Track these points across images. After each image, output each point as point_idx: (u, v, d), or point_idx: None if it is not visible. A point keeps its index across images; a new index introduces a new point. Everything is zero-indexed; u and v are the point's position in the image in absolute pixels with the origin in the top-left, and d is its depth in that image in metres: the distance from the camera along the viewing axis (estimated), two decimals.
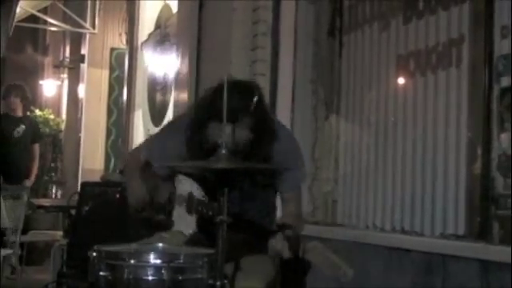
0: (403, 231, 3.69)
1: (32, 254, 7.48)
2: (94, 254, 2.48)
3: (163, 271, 2.38)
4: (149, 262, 2.41)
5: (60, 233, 7.00)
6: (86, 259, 2.52)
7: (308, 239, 3.78)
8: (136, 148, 3.31)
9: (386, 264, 3.54)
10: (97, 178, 8.23)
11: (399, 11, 3.93)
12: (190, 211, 2.86)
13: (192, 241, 2.87)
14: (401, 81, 3.94)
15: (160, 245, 2.67)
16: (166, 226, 2.96)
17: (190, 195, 2.85)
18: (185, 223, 2.91)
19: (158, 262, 2.40)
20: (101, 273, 2.44)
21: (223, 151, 2.31)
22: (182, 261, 2.42)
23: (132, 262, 2.41)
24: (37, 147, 8.08)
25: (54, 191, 11.44)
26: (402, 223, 3.73)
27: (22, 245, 6.34)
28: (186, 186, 2.90)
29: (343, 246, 3.70)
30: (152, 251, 2.50)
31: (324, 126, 4.64)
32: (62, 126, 11.44)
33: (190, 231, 2.89)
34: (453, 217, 3.38)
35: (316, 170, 4.64)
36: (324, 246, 2.59)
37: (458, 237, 3.32)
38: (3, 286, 5.68)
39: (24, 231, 6.51)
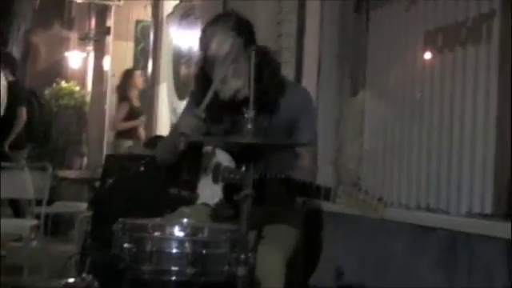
0: (428, 209, 3.65)
1: (57, 225, 7.54)
2: (119, 226, 2.49)
3: (186, 244, 2.38)
4: (173, 234, 2.41)
5: (85, 204, 7.05)
6: (110, 232, 2.53)
7: (332, 215, 3.80)
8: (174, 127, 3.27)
9: (410, 242, 3.51)
10: (121, 150, 8.26)
11: None
12: (216, 180, 2.84)
13: (217, 210, 2.85)
14: (428, 56, 3.88)
15: (184, 220, 2.66)
16: (191, 199, 2.95)
17: (217, 164, 2.82)
18: (210, 193, 2.89)
19: (182, 234, 2.40)
20: (125, 245, 2.44)
21: (249, 126, 2.29)
22: (205, 235, 2.42)
23: (156, 234, 2.42)
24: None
25: (78, 163, 11.52)
26: (427, 201, 3.70)
27: (46, 216, 6.38)
28: (218, 157, 2.87)
29: (368, 223, 3.68)
30: (176, 224, 2.49)
31: (350, 102, 4.60)
32: (87, 99, 11.48)
33: (216, 200, 2.87)
34: (479, 195, 3.34)
35: (341, 146, 4.61)
36: (352, 187, 2.56)
37: (484, 216, 3.28)
38: (29, 257, 5.73)
39: (49, 202, 6.55)
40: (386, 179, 4.13)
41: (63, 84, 11.72)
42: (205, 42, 2.77)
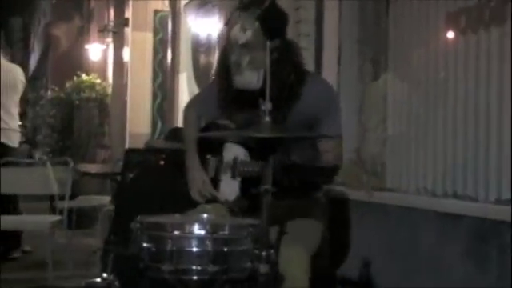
0: (455, 196, 3.56)
1: (81, 218, 7.54)
2: (137, 225, 2.43)
3: (207, 242, 2.33)
4: (193, 233, 2.35)
5: (108, 198, 7.04)
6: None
7: (357, 204, 3.74)
8: (187, 107, 3.24)
9: (437, 230, 3.42)
10: (143, 141, 8.24)
11: None
12: (233, 175, 2.80)
13: (233, 205, 2.81)
14: (451, 38, 3.78)
15: (204, 216, 2.60)
16: (212, 197, 2.91)
17: (235, 159, 2.78)
18: (229, 190, 2.86)
19: (202, 232, 2.34)
20: (144, 244, 2.39)
21: (267, 119, 2.22)
22: (226, 232, 2.36)
23: (175, 233, 2.36)
24: None
25: (102, 155, 11.53)
26: (454, 187, 3.60)
27: (70, 210, 6.39)
28: (233, 152, 2.83)
29: (393, 211, 3.60)
30: (196, 221, 2.43)
31: (371, 87, 4.51)
32: (109, 91, 11.47)
33: (233, 197, 2.83)
34: (508, 181, 3.24)
35: (364, 131, 4.53)
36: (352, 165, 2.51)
37: None
38: (54, 251, 5.73)
39: (72, 196, 6.55)
40: (411, 165, 4.03)
41: (84, 77, 11.72)
42: (230, 25, 2.79)
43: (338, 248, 3.35)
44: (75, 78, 11.74)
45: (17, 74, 6.32)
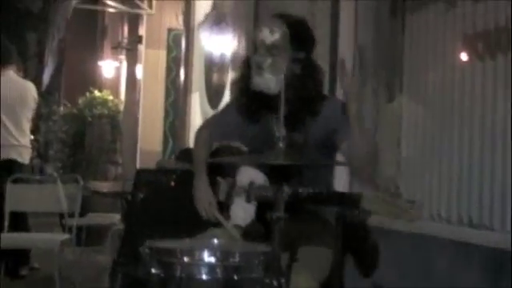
0: (471, 224, 3.49)
1: (91, 236, 7.51)
2: (146, 250, 2.38)
3: (218, 270, 2.27)
4: (203, 260, 2.29)
5: (118, 216, 7.01)
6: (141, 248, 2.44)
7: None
8: (199, 129, 3.22)
9: (452, 259, 3.35)
10: (154, 159, 8.22)
11: None
12: (249, 199, 2.75)
13: (249, 231, 2.76)
14: (468, 63, 3.73)
15: (215, 241, 2.55)
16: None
17: (251, 183, 2.73)
18: (243, 214, 2.80)
19: (213, 260, 2.28)
20: (153, 270, 2.33)
21: (280, 145, 2.17)
22: (237, 259, 2.30)
23: (185, 259, 2.31)
24: None
25: (113, 172, 11.52)
26: (469, 214, 3.53)
27: (80, 227, 6.36)
28: (249, 175, 2.79)
29: (407, 238, 3.53)
30: (206, 248, 2.38)
31: (386, 110, 4.46)
32: (121, 107, 11.48)
33: (248, 221, 2.78)
34: None
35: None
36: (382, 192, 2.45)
37: None
38: (62, 268, 5.70)
39: (82, 213, 6.52)
40: (425, 190, 3.97)
41: (97, 93, 11.74)
42: (259, 26, 2.78)
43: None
44: (88, 94, 11.75)
45: (29, 90, 6.30)
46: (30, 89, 6.33)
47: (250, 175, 2.75)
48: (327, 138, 2.74)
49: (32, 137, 6.64)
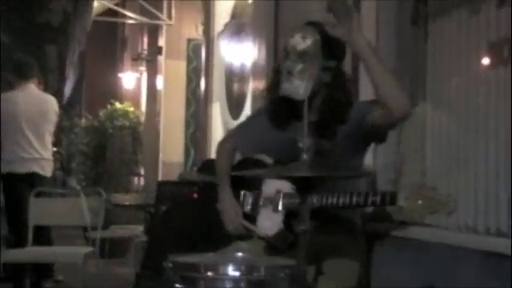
0: (499, 233, 3.42)
1: (114, 248, 7.53)
2: (169, 264, 2.36)
3: (242, 284, 2.24)
4: (227, 274, 2.27)
5: (141, 227, 7.01)
6: (163, 262, 2.42)
7: (396, 239, 3.62)
8: (222, 140, 3.21)
9: (480, 270, 3.28)
10: (176, 170, 8.22)
11: None
12: (276, 208, 2.73)
13: (275, 241, 2.73)
14: (493, 70, 3.67)
15: (239, 254, 2.52)
16: (249, 233, 2.84)
17: (278, 192, 2.71)
18: (270, 224, 2.78)
19: (237, 274, 2.26)
20: (176, 285, 2.31)
21: (304, 156, 2.14)
22: (262, 273, 2.27)
23: (209, 274, 2.28)
24: None
25: (135, 184, 11.54)
26: (497, 224, 3.47)
27: (103, 240, 6.37)
28: (274, 186, 2.77)
29: (433, 249, 3.47)
30: (230, 262, 2.35)
31: (409, 119, 4.39)
32: (142, 119, 11.49)
33: (275, 230, 2.75)
34: None
35: (402, 163, 4.41)
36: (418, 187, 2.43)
37: None
38: (86, 280, 5.71)
39: (105, 226, 6.53)
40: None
41: (117, 105, 11.77)
42: (290, 33, 2.79)
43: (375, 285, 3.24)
44: (109, 106, 11.79)
45: (50, 104, 6.34)
46: (51, 102, 6.37)
47: (276, 185, 2.74)
48: (358, 133, 2.72)
49: (54, 149, 6.67)
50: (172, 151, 9.78)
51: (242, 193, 2.90)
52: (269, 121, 2.86)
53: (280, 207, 2.67)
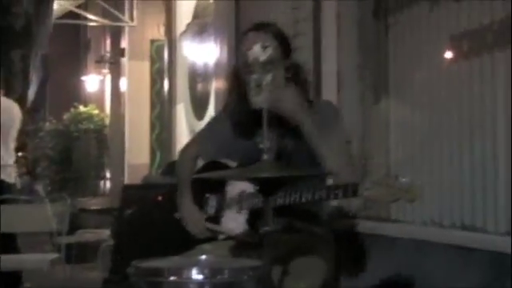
0: (464, 227, 3.42)
1: (82, 252, 7.45)
2: (133, 270, 2.32)
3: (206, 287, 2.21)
4: (190, 278, 2.23)
5: (107, 231, 6.94)
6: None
7: (363, 236, 3.61)
8: (184, 147, 3.18)
9: (446, 263, 3.28)
10: (143, 172, 8.16)
11: None
12: (240, 208, 2.71)
13: (241, 238, 2.71)
14: (454, 62, 3.68)
15: (203, 257, 2.48)
16: (213, 235, 2.82)
17: (241, 192, 2.69)
18: (234, 225, 2.76)
19: (201, 277, 2.22)
20: None
21: (265, 157, 2.11)
22: (226, 276, 2.23)
23: (172, 278, 2.24)
24: None
25: (102, 187, 11.44)
26: (462, 218, 3.47)
27: (70, 245, 6.31)
28: (238, 187, 2.75)
29: (400, 244, 3.47)
30: (194, 266, 2.31)
31: (373, 113, 4.40)
32: (107, 122, 11.40)
33: (240, 230, 2.73)
34: None
35: (366, 159, 4.41)
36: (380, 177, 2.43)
37: None
38: (54, 287, 5.66)
39: (72, 230, 6.46)
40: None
41: (82, 108, 11.65)
42: (247, 45, 2.70)
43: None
44: (73, 109, 11.67)
45: (14, 110, 6.29)
46: (16, 108, 6.33)
47: (240, 186, 2.72)
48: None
49: (20, 154, 6.61)
50: (138, 153, 9.71)
51: (206, 196, 2.88)
52: (232, 129, 2.83)
53: (243, 207, 2.66)
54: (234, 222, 2.75)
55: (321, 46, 4.58)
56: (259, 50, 2.64)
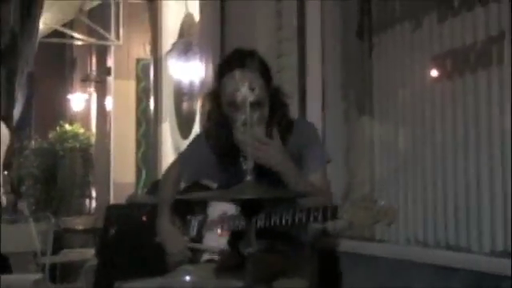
0: (448, 247, 3.42)
1: (66, 272, 7.40)
2: None
3: None
4: None
5: (92, 251, 6.89)
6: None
7: (346, 255, 3.60)
8: (166, 170, 3.19)
9: (430, 283, 3.27)
10: (128, 191, 8.12)
11: (433, 9, 3.69)
12: (222, 230, 2.72)
13: (225, 262, 2.71)
14: (437, 82, 3.70)
15: (187, 278, 2.48)
16: (195, 258, 2.82)
17: (222, 215, 2.70)
18: (216, 246, 2.76)
19: None
20: None
21: (248, 178, 2.11)
22: None
23: None
24: None
25: (87, 206, 11.38)
26: (446, 237, 3.47)
27: (54, 265, 6.27)
28: (219, 209, 2.75)
29: (384, 264, 3.47)
30: (177, 287, 2.31)
31: (357, 131, 4.41)
32: (92, 140, 11.36)
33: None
34: (502, 232, 3.11)
35: (350, 177, 4.41)
36: (357, 199, 2.45)
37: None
38: None
39: (57, 250, 6.41)
40: (400, 213, 3.90)
41: (67, 126, 11.62)
42: (234, 85, 2.65)
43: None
44: (58, 127, 11.63)
45: (3, 130, 6.32)
46: (3, 127, 6.35)
47: (221, 207, 2.72)
48: (295, 158, 2.74)
49: (5, 173, 6.58)
50: (124, 172, 9.66)
51: (188, 218, 2.88)
52: (213, 154, 2.83)
53: (225, 229, 2.66)
54: (215, 243, 2.75)
55: (305, 65, 4.59)
56: (247, 92, 2.51)
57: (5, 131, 6.42)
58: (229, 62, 2.80)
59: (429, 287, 3.25)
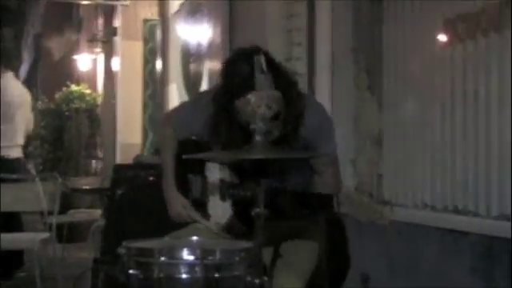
0: (456, 211, 3.42)
1: (73, 232, 7.43)
2: (123, 250, 2.30)
3: (197, 269, 2.19)
4: (181, 258, 2.22)
5: (99, 211, 6.93)
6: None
7: (353, 219, 3.60)
8: (162, 125, 3.08)
9: (438, 246, 3.28)
10: (135, 152, 8.12)
11: None
12: (223, 198, 2.68)
13: (229, 227, 2.69)
14: (449, 45, 3.66)
15: (194, 238, 2.47)
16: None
17: (222, 181, 2.66)
18: (220, 212, 2.73)
19: (192, 258, 2.21)
20: (130, 271, 2.26)
21: (257, 138, 2.10)
22: (217, 257, 2.23)
23: (163, 259, 2.23)
24: None
25: (94, 166, 11.41)
26: (453, 202, 3.47)
27: (61, 224, 6.30)
28: (217, 173, 2.72)
29: (393, 227, 3.47)
30: (185, 247, 2.30)
31: (367, 97, 4.39)
32: (99, 101, 11.35)
33: (227, 217, 2.71)
34: (509, 196, 3.10)
35: (359, 143, 4.40)
36: (355, 192, 2.42)
37: None
38: (46, 267, 5.65)
39: (64, 210, 6.44)
40: (409, 178, 3.91)
41: (73, 87, 11.60)
42: (253, 105, 2.50)
43: (338, 267, 3.24)
44: (65, 88, 11.62)
45: (23, 91, 6.55)
46: (25, 90, 6.61)
47: (217, 172, 2.68)
48: (307, 143, 2.67)
49: None
50: (130, 133, 9.65)
51: (189, 176, 2.82)
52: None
53: (228, 196, 2.63)
54: (220, 208, 2.71)
55: (315, 27, 4.55)
56: (265, 110, 2.47)
57: (27, 95, 6.60)
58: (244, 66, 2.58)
59: (438, 251, 3.26)
